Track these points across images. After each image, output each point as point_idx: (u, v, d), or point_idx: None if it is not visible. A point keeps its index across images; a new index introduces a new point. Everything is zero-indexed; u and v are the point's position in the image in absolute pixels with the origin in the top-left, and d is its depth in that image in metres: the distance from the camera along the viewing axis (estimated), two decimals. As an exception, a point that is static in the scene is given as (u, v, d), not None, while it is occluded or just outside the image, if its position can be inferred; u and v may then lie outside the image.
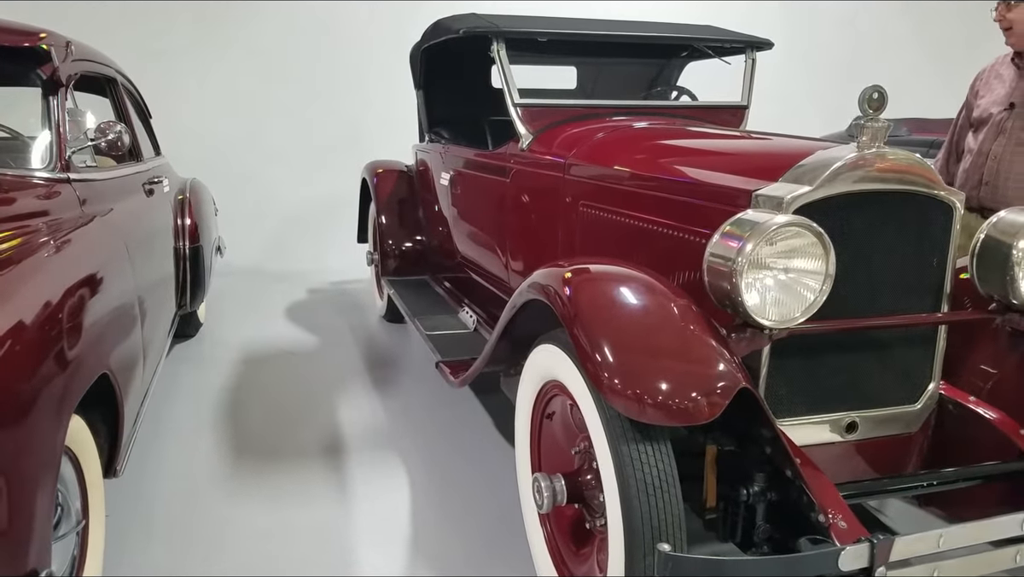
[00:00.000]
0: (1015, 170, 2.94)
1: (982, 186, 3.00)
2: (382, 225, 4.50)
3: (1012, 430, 1.98)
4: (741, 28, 3.56)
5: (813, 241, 1.71)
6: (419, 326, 3.45)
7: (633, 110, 3.21)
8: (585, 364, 1.64)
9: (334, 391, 3.65)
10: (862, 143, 1.89)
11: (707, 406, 1.54)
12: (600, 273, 1.86)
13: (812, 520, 1.66)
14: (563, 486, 1.87)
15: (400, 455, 2.97)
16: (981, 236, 2.01)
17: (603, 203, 2.53)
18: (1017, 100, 2.97)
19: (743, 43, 3.29)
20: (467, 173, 3.46)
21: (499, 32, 2.99)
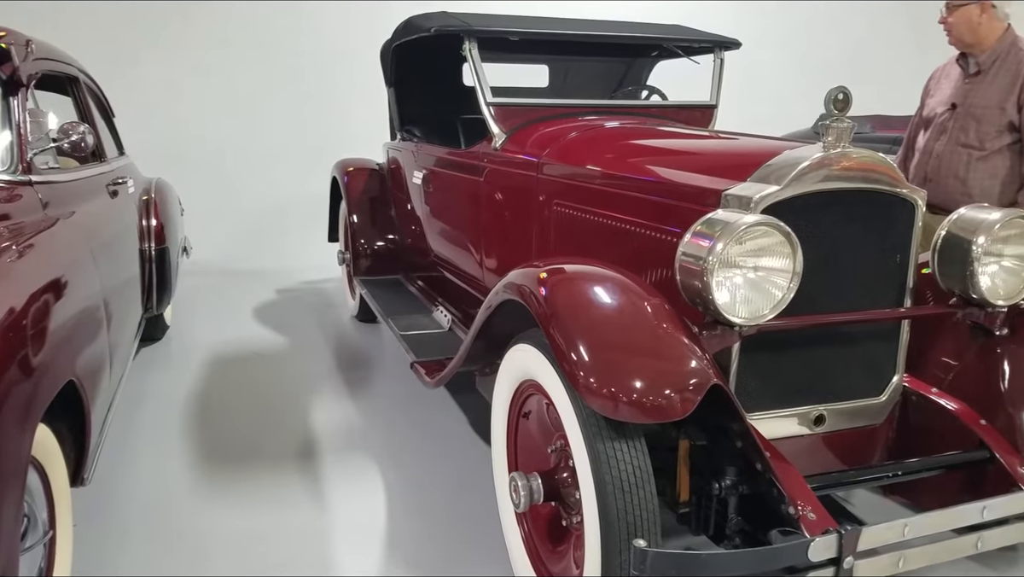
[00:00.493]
0: (954, 168, 3.03)
1: (927, 183, 3.08)
2: (354, 224, 4.47)
3: (972, 420, 2.04)
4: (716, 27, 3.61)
5: (781, 240, 1.74)
6: (393, 326, 3.44)
7: (605, 109, 3.23)
8: (561, 363, 1.65)
9: (306, 393, 3.62)
10: (827, 143, 1.93)
11: (680, 403, 1.56)
12: (575, 273, 1.87)
13: (782, 512, 1.69)
14: (539, 484, 1.89)
15: (375, 457, 2.96)
16: (942, 233, 2.06)
17: (576, 202, 2.55)
18: (958, 100, 3.07)
19: (711, 43, 3.33)
20: (440, 172, 3.45)
21: (471, 31, 2.99)
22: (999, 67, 3.00)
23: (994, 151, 2.98)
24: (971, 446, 2.02)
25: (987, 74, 3.02)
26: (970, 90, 3.07)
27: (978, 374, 2.13)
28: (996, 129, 2.97)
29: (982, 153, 3.00)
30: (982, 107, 3.00)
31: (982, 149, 3.00)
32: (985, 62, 3.04)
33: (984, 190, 3.00)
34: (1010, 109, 2.94)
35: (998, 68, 3.00)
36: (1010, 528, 1.71)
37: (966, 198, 2.94)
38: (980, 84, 3.04)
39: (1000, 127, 2.96)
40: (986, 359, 2.11)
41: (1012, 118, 2.94)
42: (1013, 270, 2.01)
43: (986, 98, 3.01)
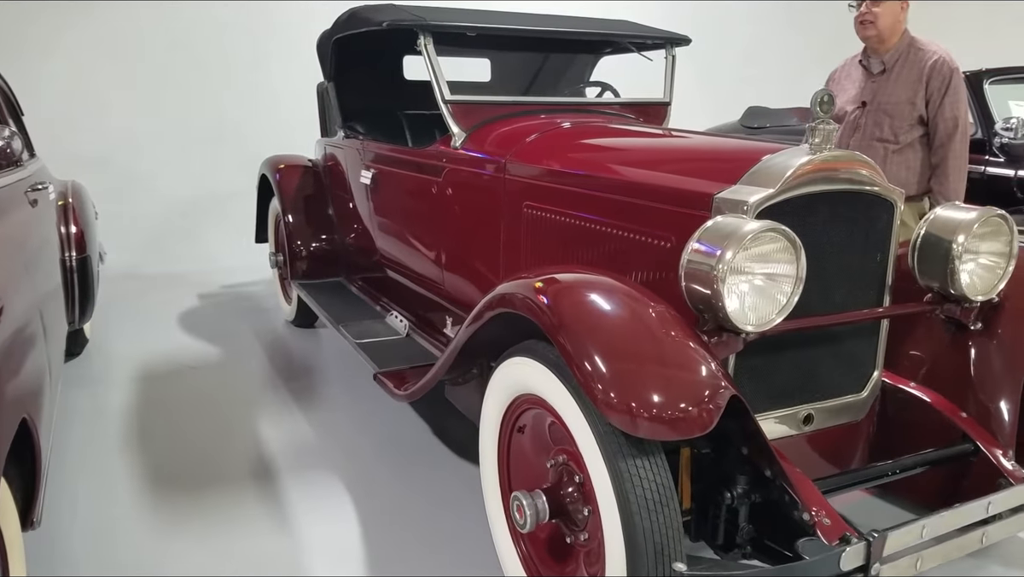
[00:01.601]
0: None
1: None
2: (289, 224, 4.27)
3: (953, 413, 2.10)
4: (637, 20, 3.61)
5: (786, 245, 1.73)
6: (346, 334, 3.29)
7: (563, 107, 3.17)
8: (579, 378, 1.58)
9: (250, 407, 3.43)
10: (815, 145, 1.94)
11: (705, 416, 1.53)
12: (577, 282, 1.80)
13: (795, 518, 1.69)
14: (544, 502, 1.82)
15: (339, 473, 2.82)
16: (921, 232, 2.10)
17: (551, 204, 2.48)
18: (868, 98, 3.26)
19: (663, 39, 3.32)
20: (392, 171, 3.32)
21: (426, 26, 2.88)
22: (902, 65, 3.21)
23: (907, 144, 3.21)
24: (952, 438, 2.08)
25: (892, 72, 3.24)
26: (878, 88, 3.27)
27: (953, 367, 2.19)
28: (908, 123, 3.19)
29: (897, 146, 3.22)
30: (893, 103, 3.21)
31: (897, 142, 3.22)
32: (889, 60, 3.24)
33: (901, 181, 3.18)
34: (919, 103, 3.15)
35: (902, 66, 3.21)
36: (1011, 521, 1.76)
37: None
38: (887, 82, 3.24)
39: (912, 121, 3.19)
40: (961, 353, 2.18)
41: (921, 112, 3.16)
42: (989, 267, 2.07)
43: (895, 94, 3.21)
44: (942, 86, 3.12)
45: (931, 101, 3.15)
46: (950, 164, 3.12)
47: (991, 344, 2.13)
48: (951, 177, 3.12)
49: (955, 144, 3.12)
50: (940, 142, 3.15)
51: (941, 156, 3.15)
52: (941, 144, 3.15)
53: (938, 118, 3.14)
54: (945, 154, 3.13)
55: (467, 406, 2.59)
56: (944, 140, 3.14)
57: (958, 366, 2.18)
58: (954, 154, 3.12)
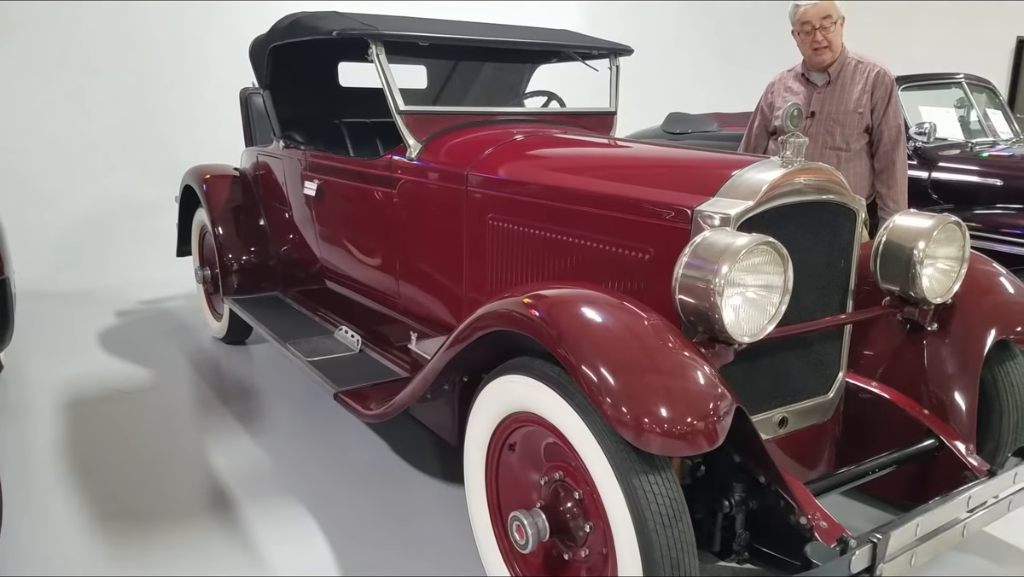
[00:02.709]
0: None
1: None
2: (219, 237, 4.08)
3: (915, 410, 2.21)
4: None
5: (776, 257, 1.78)
6: (296, 352, 3.18)
7: (513, 117, 3.16)
8: (593, 398, 1.57)
9: (193, 432, 3.26)
10: (786, 157, 2.00)
11: (715, 430, 1.55)
12: (574, 297, 1.80)
13: (791, 523, 1.74)
14: (544, 521, 1.81)
15: (299, 497, 2.71)
16: (883, 239, 2.21)
17: (517, 216, 2.47)
18: (816, 109, 3.43)
19: (607, 49, 3.36)
20: (341, 183, 3.22)
21: (378, 35, 2.81)
22: (846, 75, 3.40)
23: (857, 151, 3.41)
24: (915, 435, 2.19)
25: (836, 84, 3.42)
26: (825, 99, 3.45)
27: (911, 366, 2.31)
28: (857, 131, 3.38)
29: (849, 153, 3.41)
30: (843, 112, 3.40)
31: (849, 150, 3.41)
32: (834, 72, 3.43)
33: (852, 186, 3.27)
34: (865, 112, 3.35)
35: (847, 77, 3.40)
36: (985, 513, 1.86)
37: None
38: (833, 93, 3.43)
39: (860, 129, 3.38)
40: (918, 352, 2.30)
41: (868, 121, 3.35)
42: (945, 270, 2.20)
43: (844, 104, 3.40)
44: (885, 95, 3.31)
45: (875, 110, 3.33)
46: (897, 168, 3.32)
47: (947, 343, 2.25)
48: (899, 180, 3.31)
49: (900, 150, 3.32)
50: (886, 148, 3.33)
51: (887, 161, 3.33)
52: (886, 151, 3.33)
53: (883, 126, 3.31)
54: (893, 159, 3.32)
55: (436, 422, 2.55)
56: (889, 146, 3.33)
57: (916, 365, 2.30)
58: (900, 159, 3.33)
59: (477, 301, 2.68)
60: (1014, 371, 2.28)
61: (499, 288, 2.58)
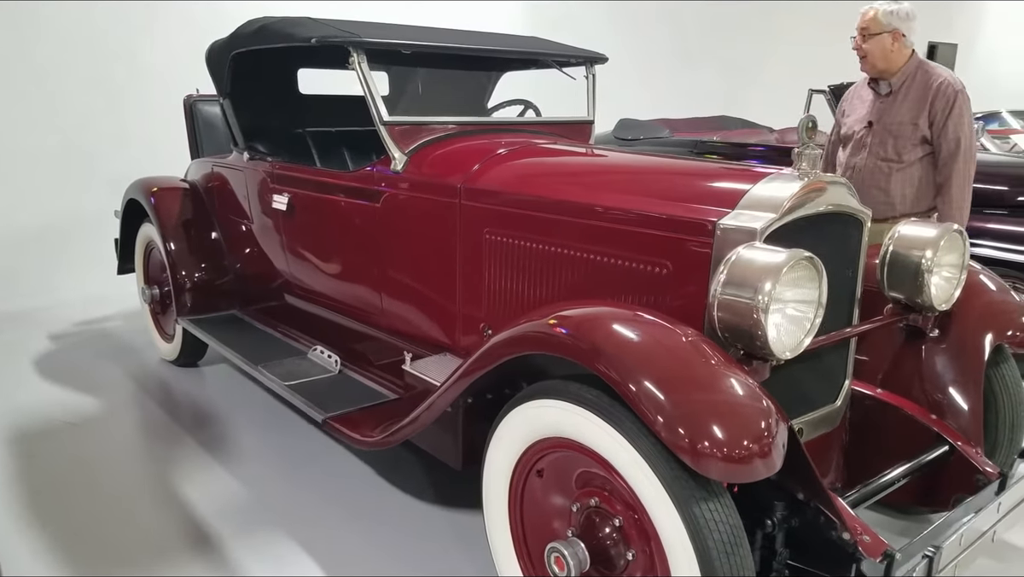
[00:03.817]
0: (876, 180, 3.35)
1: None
2: (171, 254, 3.86)
3: (924, 416, 2.24)
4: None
5: (813, 273, 1.77)
6: (270, 376, 3.01)
7: (494, 126, 3.08)
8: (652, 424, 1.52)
9: (157, 464, 3.06)
10: (803, 170, 2.00)
11: (776, 455, 1.52)
12: (611, 316, 1.75)
13: (834, 539, 1.72)
14: (584, 550, 1.74)
15: (289, 531, 2.56)
16: (889, 248, 2.23)
17: (519, 230, 2.39)
18: (874, 119, 3.40)
19: (584, 58, 3.32)
20: (317, 196, 3.07)
21: (360, 43, 2.69)
22: (908, 87, 3.34)
23: (911, 163, 3.33)
24: (922, 439, 2.22)
25: (898, 94, 3.36)
26: (884, 109, 3.39)
27: (915, 372, 2.35)
28: (911, 143, 3.31)
29: (900, 165, 3.33)
30: (897, 123, 3.33)
31: (900, 161, 3.33)
32: (896, 83, 3.36)
33: (904, 198, 3.33)
34: (922, 124, 3.28)
35: (908, 88, 3.34)
36: (1010, 517, 1.89)
37: (888, 207, 3.27)
38: (893, 103, 3.37)
39: (915, 141, 3.31)
40: (921, 359, 2.34)
41: (924, 132, 3.28)
42: (949, 278, 2.24)
43: (900, 115, 3.33)
44: (946, 108, 3.22)
45: (935, 122, 3.25)
46: (953, 183, 3.22)
47: (948, 349, 2.30)
48: (954, 195, 3.23)
49: (958, 163, 3.22)
50: (944, 161, 3.26)
51: (945, 175, 3.25)
52: (944, 163, 3.25)
53: (942, 139, 3.24)
54: (949, 173, 3.24)
55: (436, 446, 2.44)
56: (947, 160, 3.24)
57: (917, 371, 2.34)
58: (957, 173, 3.22)
59: (473, 317, 2.61)
60: (1009, 373, 2.35)
61: (498, 304, 2.51)
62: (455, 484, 2.85)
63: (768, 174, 2.04)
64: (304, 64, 3.88)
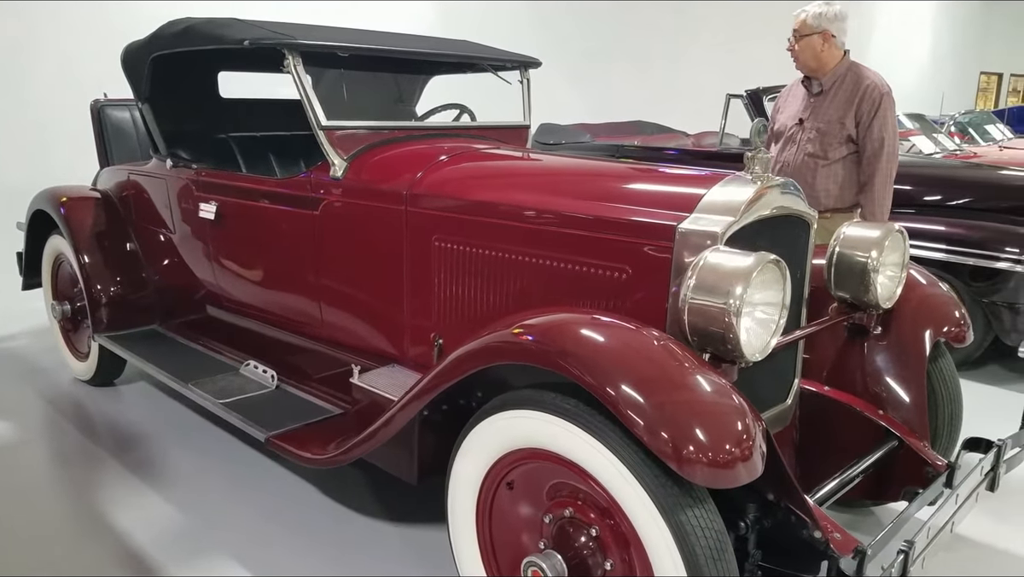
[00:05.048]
0: (803, 175, 3.45)
1: None
2: (85, 267, 3.61)
3: (872, 412, 2.30)
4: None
5: (778, 275, 1.79)
6: (204, 394, 2.85)
7: (432, 131, 3.02)
8: (635, 430, 1.50)
9: (84, 491, 2.85)
10: (756, 173, 2.02)
11: (758, 458, 1.53)
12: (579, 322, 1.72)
13: (804, 537, 1.74)
14: (562, 562, 1.71)
15: (238, 559, 2.42)
16: (835, 249, 2.29)
17: (471, 237, 2.34)
18: (805, 116, 3.51)
19: (518, 62, 3.30)
20: (249, 204, 2.92)
21: (294, 45, 2.58)
22: (838, 88, 3.47)
23: (836, 160, 3.46)
24: (870, 434, 2.28)
25: (828, 94, 3.49)
26: (815, 107, 3.51)
27: (857, 368, 2.41)
28: (838, 141, 3.44)
29: (826, 162, 3.46)
30: (826, 122, 3.45)
31: (826, 158, 3.46)
32: (827, 83, 3.49)
33: (828, 193, 3.46)
34: (849, 124, 3.41)
35: (837, 88, 3.47)
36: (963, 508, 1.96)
37: (814, 201, 3.34)
38: (823, 102, 3.49)
39: (841, 139, 3.44)
40: (863, 355, 2.41)
41: (851, 132, 3.42)
42: (892, 277, 2.31)
43: (828, 114, 3.46)
44: (871, 109, 3.36)
45: (861, 122, 3.39)
46: (876, 181, 3.36)
47: (892, 346, 2.38)
48: (876, 193, 3.37)
49: (881, 162, 3.36)
50: (868, 160, 3.40)
51: (868, 173, 3.39)
52: (868, 162, 3.39)
53: (867, 138, 3.38)
54: (872, 171, 3.38)
55: (388, 460, 2.36)
56: (871, 158, 3.38)
57: (862, 367, 2.41)
58: (880, 172, 3.36)
59: (422, 327, 2.54)
60: (946, 367, 2.44)
61: (449, 313, 2.45)
62: (404, 499, 2.77)
63: (722, 177, 2.06)
64: (226, 67, 3.71)
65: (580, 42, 9.12)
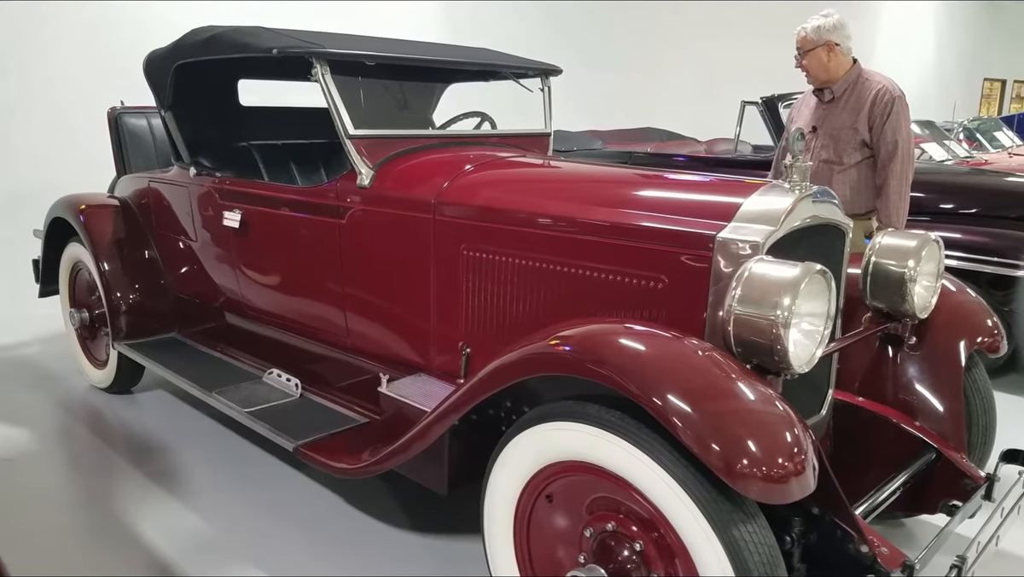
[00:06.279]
0: (818, 182, 3.42)
1: None
2: (105, 275, 3.60)
3: (908, 423, 2.28)
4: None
5: (824, 286, 1.77)
6: (227, 403, 2.83)
7: (457, 139, 3.01)
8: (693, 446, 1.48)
9: (108, 499, 2.83)
10: (794, 181, 2.01)
11: (813, 473, 1.51)
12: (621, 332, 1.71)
13: (850, 552, 1.72)
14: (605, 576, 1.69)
15: (261, 564, 2.40)
16: (871, 259, 2.28)
17: (500, 245, 2.33)
18: (818, 124, 3.52)
19: (539, 70, 3.29)
20: (273, 212, 2.91)
21: (323, 53, 2.57)
22: (849, 94, 3.48)
23: (851, 165, 3.47)
24: (907, 446, 2.26)
25: (839, 101, 3.51)
26: (827, 115, 3.53)
27: (891, 379, 2.39)
28: (852, 146, 3.45)
29: (841, 167, 3.48)
30: (838, 128, 3.47)
31: (841, 164, 3.48)
32: (838, 91, 3.50)
33: (844, 198, 3.41)
34: (862, 128, 3.42)
35: (848, 95, 3.49)
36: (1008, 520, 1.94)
37: None
38: (835, 109, 3.51)
39: (855, 144, 3.45)
40: (898, 365, 2.39)
41: (864, 136, 3.43)
42: (928, 286, 2.30)
43: (841, 120, 3.47)
44: (883, 113, 3.37)
45: (874, 127, 3.40)
46: (891, 184, 3.37)
47: (927, 356, 2.36)
48: (891, 196, 3.37)
49: (895, 165, 3.36)
50: (882, 164, 3.40)
51: (883, 177, 3.40)
52: (883, 166, 3.40)
53: (880, 142, 3.38)
54: (887, 175, 3.38)
55: (418, 471, 2.34)
56: (885, 162, 3.39)
57: (896, 378, 2.39)
58: (894, 175, 3.36)
59: (449, 336, 2.52)
60: (980, 377, 2.42)
61: (478, 321, 2.43)
62: (430, 510, 2.75)
63: (759, 186, 2.05)
64: (247, 75, 3.70)
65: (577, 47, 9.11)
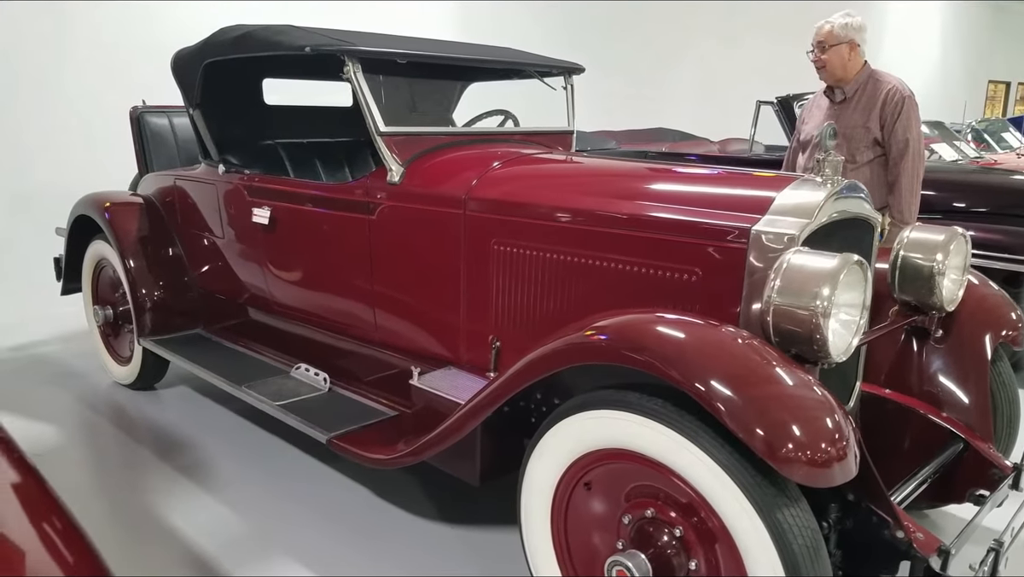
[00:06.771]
0: None
1: None
2: (131, 272, 3.64)
3: (935, 414, 2.31)
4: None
5: (862, 276, 1.80)
6: (258, 397, 2.87)
7: (483, 137, 3.05)
8: (744, 435, 1.50)
9: (139, 493, 2.86)
10: (826, 175, 2.04)
11: (856, 458, 1.54)
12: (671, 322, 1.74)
13: (885, 537, 1.75)
14: (645, 562, 1.72)
15: (297, 556, 2.44)
16: (900, 253, 2.31)
17: (530, 240, 2.36)
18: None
19: (563, 69, 3.33)
20: (304, 209, 2.95)
21: (354, 51, 2.61)
22: (861, 95, 3.55)
23: (863, 163, 3.52)
24: (934, 437, 2.29)
25: (851, 101, 3.57)
26: (839, 115, 3.58)
27: (917, 371, 2.42)
28: (864, 145, 3.51)
29: (854, 166, 3.52)
30: (851, 127, 3.52)
31: (854, 162, 3.52)
32: (849, 91, 3.56)
33: None
34: (873, 128, 3.47)
35: (860, 95, 3.55)
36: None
37: None
38: (847, 109, 3.56)
39: (867, 143, 3.50)
40: (924, 358, 2.42)
41: (876, 135, 3.48)
42: (955, 280, 2.33)
43: (853, 120, 3.53)
44: (894, 112, 3.43)
45: (885, 126, 3.45)
46: (902, 181, 3.42)
47: (954, 348, 2.39)
48: (903, 192, 3.42)
49: (906, 163, 3.41)
50: (893, 162, 3.46)
51: (895, 174, 3.46)
52: (894, 164, 3.46)
53: (891, 140, 3.45)
54: (898, 172, 3.44)
55: (450, 461, 2.37)
56: (896, 160, 3.44)
57: (922, 370, 2.42)
58: (906, 172, 3.42)
59: (479, 330, 2.55)
60: (1004, 370, 2.45)
61: (508, 316, 2.46)
62: (459, 501, 2.78)
63: (791, 180, 2.08)
64: (273, 74, 3.75)
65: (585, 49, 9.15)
